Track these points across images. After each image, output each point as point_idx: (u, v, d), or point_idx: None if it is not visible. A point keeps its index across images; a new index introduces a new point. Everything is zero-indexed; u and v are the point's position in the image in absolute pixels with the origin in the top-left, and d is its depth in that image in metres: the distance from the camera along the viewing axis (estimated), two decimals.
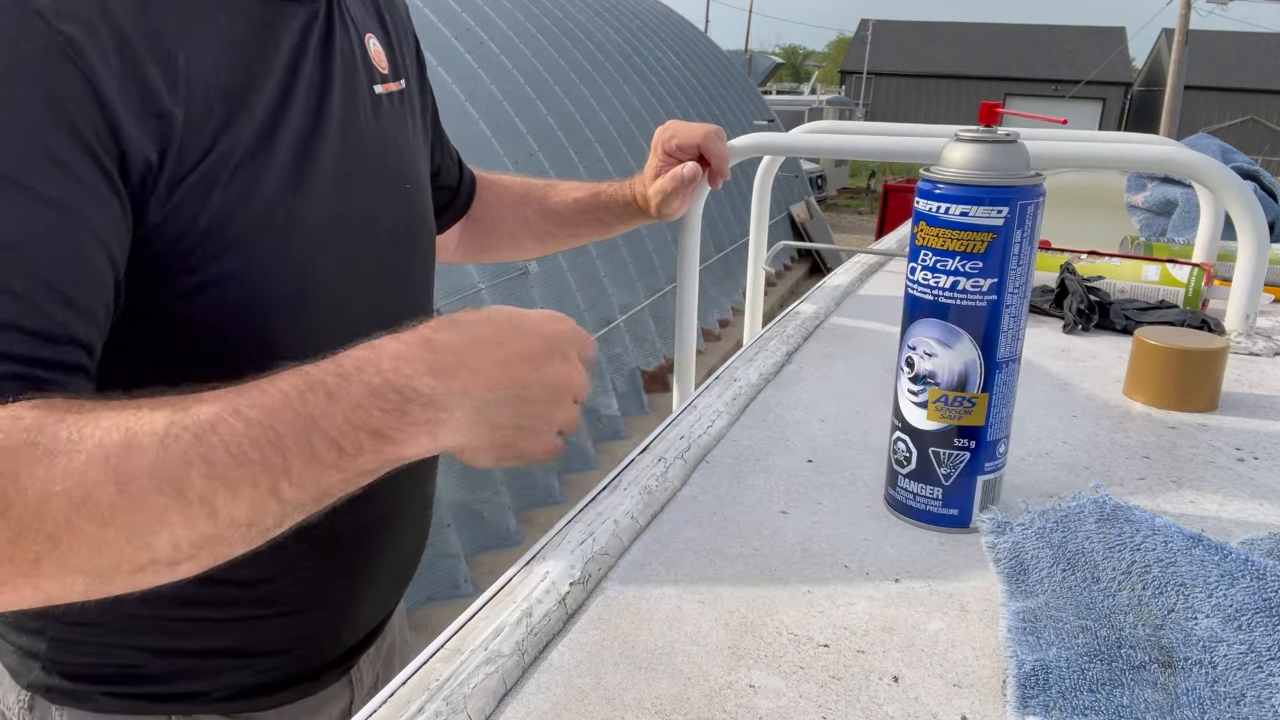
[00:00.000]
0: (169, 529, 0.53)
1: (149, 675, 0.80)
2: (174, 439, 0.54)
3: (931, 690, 0.54)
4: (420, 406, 0.57)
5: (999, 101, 0.75)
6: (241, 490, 0.54)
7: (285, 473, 0.55)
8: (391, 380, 0.57)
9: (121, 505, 0.52)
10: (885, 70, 37.15)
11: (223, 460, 0.54)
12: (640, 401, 6.06)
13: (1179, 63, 19.81)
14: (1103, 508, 0.67)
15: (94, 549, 0.53)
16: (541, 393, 0.63)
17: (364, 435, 0.56)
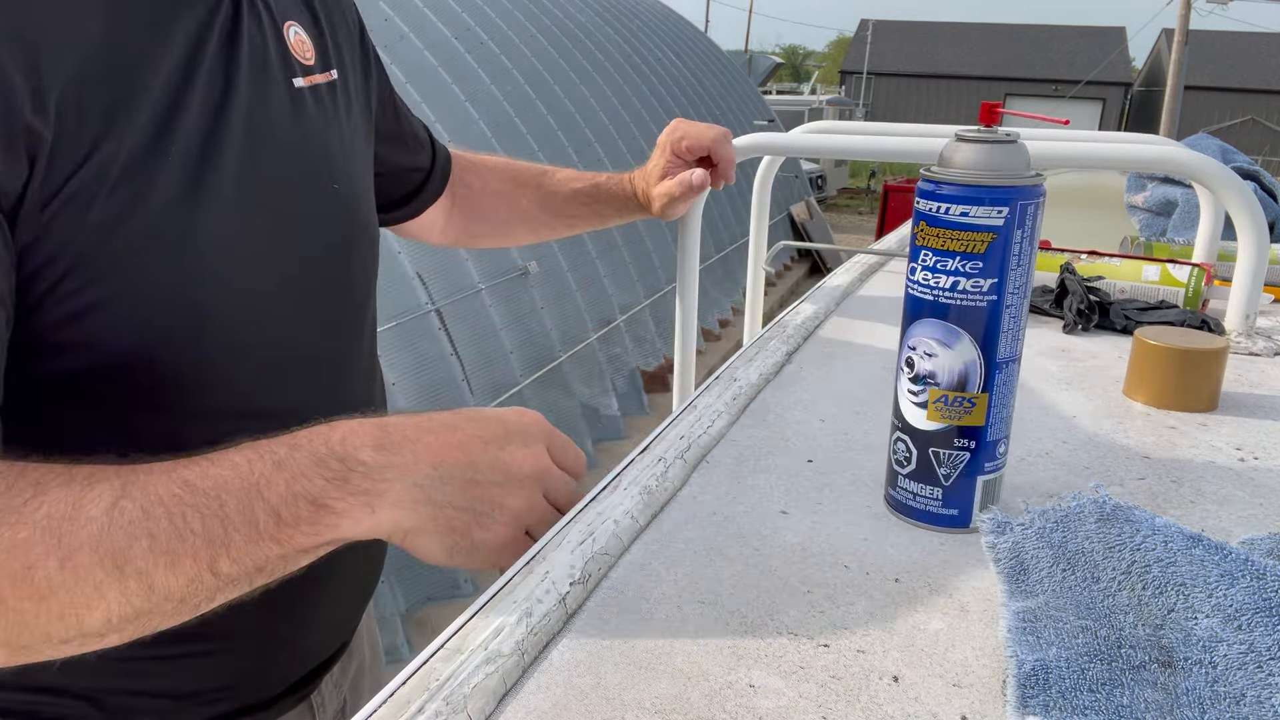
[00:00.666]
0: (105, 604, 0.52)
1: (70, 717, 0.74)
2: (121, 511, 0.52)
3: (931, 690, 0.54)
4: (360, 476, 0.56)
5: (999, 101, 0.75)
6: (181, 565, 0.53)
7: (226, 546, 0.54)
8: (336, 450, 0.57)
9: (60, 581, 0.51)
10: (885, 70, 37.14)
11: (166, 534, 0.53)
12: (640, 401, 6.06)
13: (1179, 63, 19.81)
14: (1103, 508, 0.67)
15: (22, 624, 0.51)
16: (491, 474, 0.60)
17: (303, 503, 0.55)
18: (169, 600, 0.54)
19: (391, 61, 5.53)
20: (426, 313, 4.51)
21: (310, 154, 0.78)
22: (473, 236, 1.24)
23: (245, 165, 0.70)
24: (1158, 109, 25.91)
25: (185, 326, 0.67)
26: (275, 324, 0.74)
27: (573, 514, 0.72)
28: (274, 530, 0.55)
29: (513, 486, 0.61)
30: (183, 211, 0.65)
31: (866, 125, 1.85)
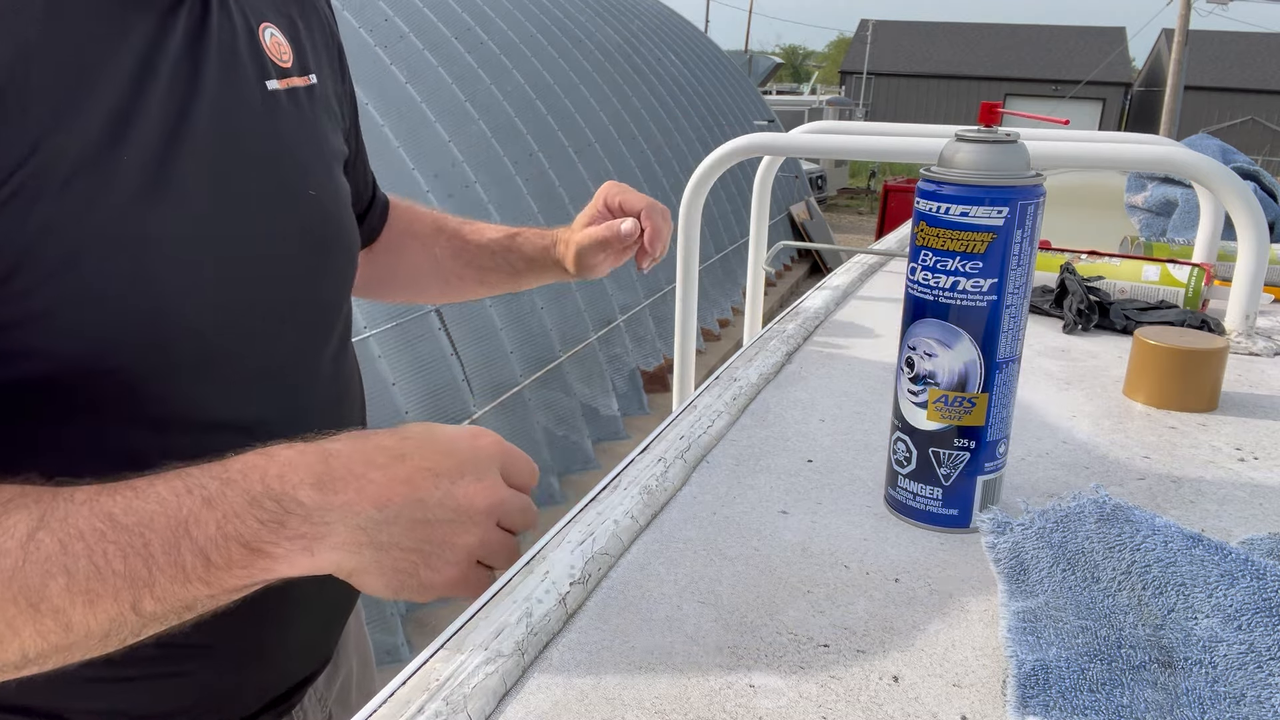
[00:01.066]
0: (19, 640, 0.50)
1: None
2: (37, 545, 0.50)
3: (931, 690, 0.54)
4: (299, 519, 0.53)
5: (999, 101, 0.75)
6: (100, 604, 0.51)
7: (149, 586, 0.51)
8: (272, 488, 0.53)
9: None
10: (885, 70, 37.15)
11: (85, 572, 0.50)
12: (640, 401, 6.07)
13: (1179, 63, 19.81)
14: (1103, 508, 0.67)
15: None
16: (441, 513, 0.56)
17: (235, 547, 0.52)
18: (90, 637, 0.52)
19: (391, 62, 5.53)
20: (426, 313, 4.51)
21: (284, 159, 0.75)
22: (381, 284, 1.13)
23: (211, 168, 0.67)
24: (1158, 109, 25.91)
25: (142, 334, 0.63)
26: (240, 333, 0.71)
27: (573, 514, 0.72)
28: (202, 573, 0.52)
29: (464, 524, 0.58)
30: (140, 213, 0.62)
31: (866, 125, 1.85)
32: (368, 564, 0.55)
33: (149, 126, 0.63)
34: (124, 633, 0.53)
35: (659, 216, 1.03)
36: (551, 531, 0.69)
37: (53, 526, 0.51)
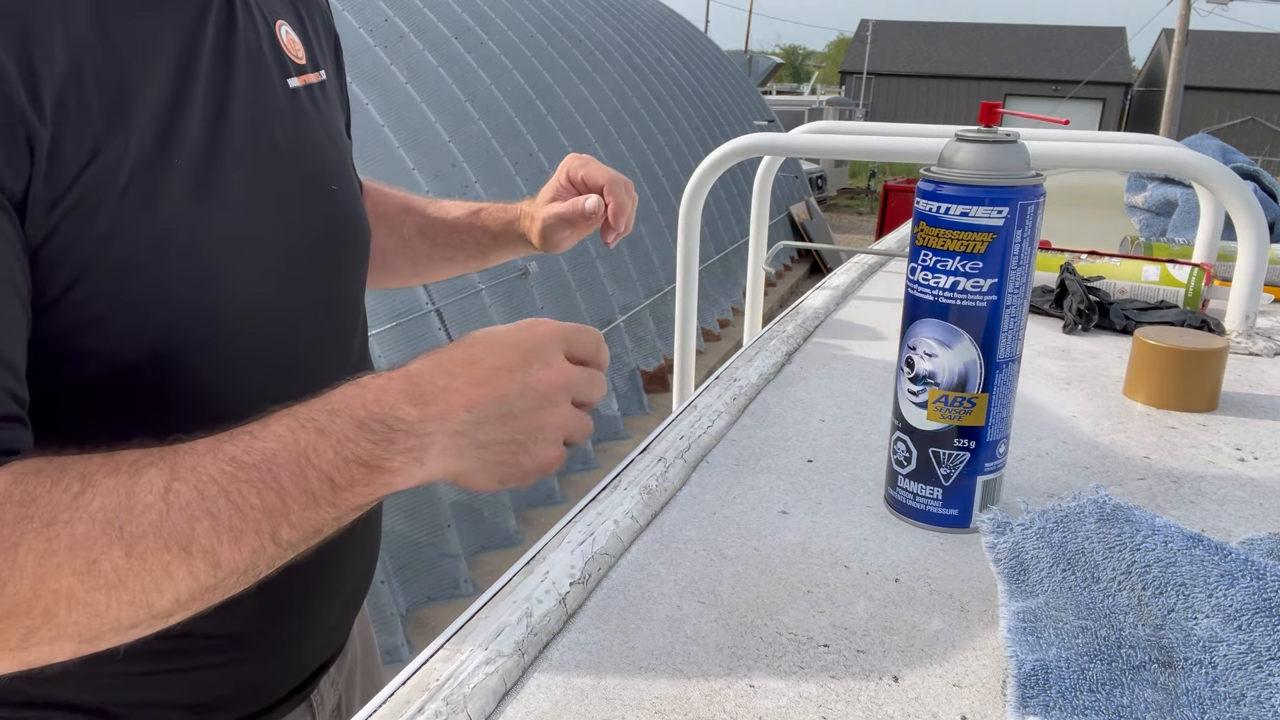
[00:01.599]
0: (174, 585, 0.53)
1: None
2: (175, 495, 0.53)
3: (931, 690, 0.54)
4: (405, 434, 0.57)
5: (999, 101, 0.75)
6: (244, 539, 0.54)
7: (284, 515, 0.55)
8: (375, 412, 0.57)
9: (128, 569, 0.52)
10: (885, 70, 37.15)
11: (225, 511, 0.53)
12: (640, 401, 6.06)
13: (1179, 63, 19.81)
14: (1103, 508, 0.67)
15: (94, 615, 0.52)
16: (523, 403, 0.60)
17: (355, 467, 0.56)
18: (234, 573, 0.55)
19: (391, 62, 5.53)
20: (427, 313, 4.51)
21: (308, 155, 0.77)
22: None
23: (248, 167, 0.70)
24: (1158, 109, 25.92)
25: (196, 333, 0.66)
26: (281, 327, 0.74)
27: (573, 514, 0.72)
28: (330, 495, 0.56)
29: (545, 407, 0.61)
30: (192, 215, 0.64)
31: (866, 125, 1.85)
32: (472, 463, 0.59)
33: (193, 127, 0.65)
34: (263, 564, 0.56)
35: (622, 190, 1.03)
36: (551, 531, 0.69)
37: (185, 477, 0.53)
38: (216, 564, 0.54)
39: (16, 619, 0.50)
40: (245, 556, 0.54)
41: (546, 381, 0.61)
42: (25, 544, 0.50)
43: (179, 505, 0.53)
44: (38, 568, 0.50)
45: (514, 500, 4.32)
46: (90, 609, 0.51)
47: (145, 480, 0.53)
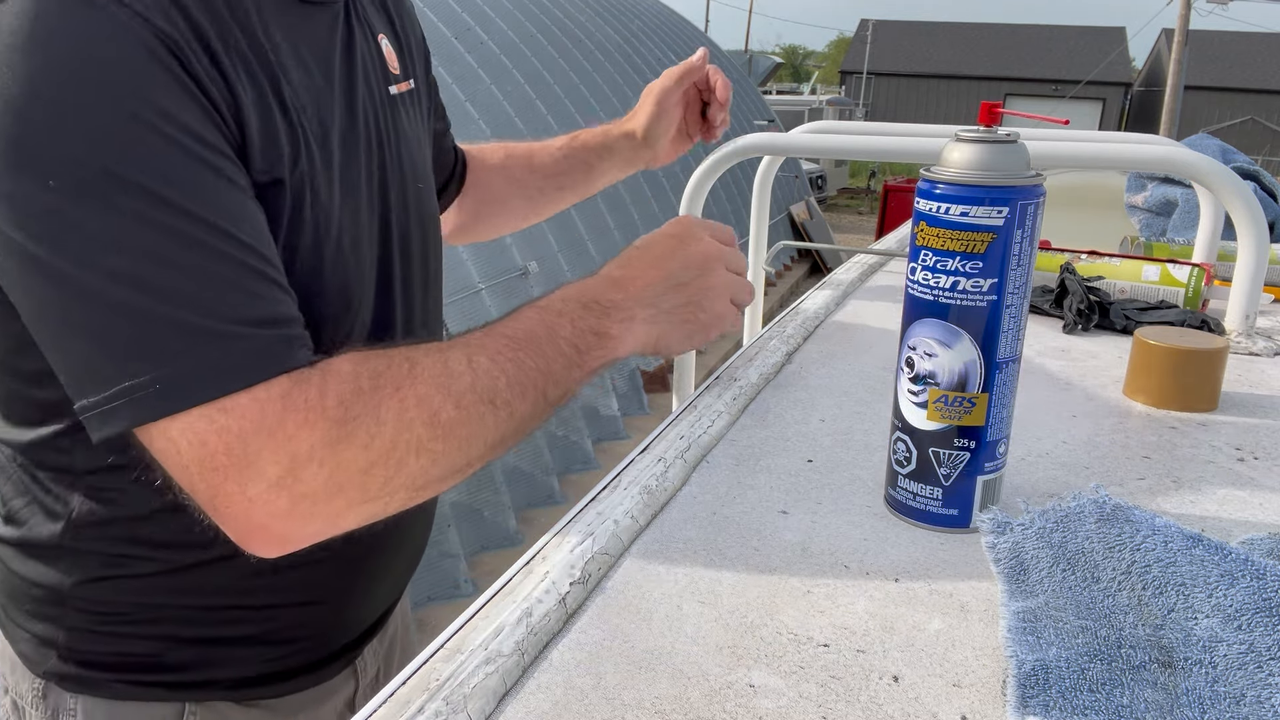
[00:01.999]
0: (485, 433, 0.68)
1: (167, 664, 0.82)
2: (477, 363, 0.68)
3: (931, 690, 0.54)
4: (615, 309, 0.75)
5: (999, 101, 0.75)
6: (527, 394, 0.70)
7: (550, 375, 0.71)
8: (592, 297, 0.75)
9: (457, 418, 0.66)
10: (885, 70, 37.15)
11: (513, 372, 0.69)
12: (640, 401, 6.06)
13: (1179, 63, 19.81)
14: (1103, 508, 0.67)
15: (432, 462, 0.66)
16: (687, 273, 0.79)
17: (589, 335, 0.73)
18: (520, 424, 0.70)
19: None
20: None
21: (404, 156, 0.88)
22: (477, 219, 1.25)
23: (366, 166, 0.81)
24: (1158, 109, 25.92)
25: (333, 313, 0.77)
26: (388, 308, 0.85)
27: (573, 514, 0.72)
28: (576, 359, 0.73)
29: (706, 272, 0.80)
30: (336, 206, 0.76)
31: (866, 125, 1.85)
32: (664, 327, 0.78)
33: (336, 128, 0.77)
34: (538, 419, 0.72)
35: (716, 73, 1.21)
36: (551, 531, 0.69)
37: (478, 352, 0.69)
38: (512, 414, 0.69)
39: (379, 469, 0.63)
40: (528, 409, 0.70)
41: (701, 254, 0.80)
42: (385, 405, 0.63)
43: (482, 370, 0.68)
44: (396, 422, 0.63)
45: (514, 500, 4.32)
46: (431, 455, 0.65)
47: (453, 356, 0.68)
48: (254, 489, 0.60)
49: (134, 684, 0.81)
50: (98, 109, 0.59)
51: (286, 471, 0.61)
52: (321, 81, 0.76)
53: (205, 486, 0.61)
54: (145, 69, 0.60)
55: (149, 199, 0.60)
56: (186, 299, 0.61)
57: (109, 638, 0.80)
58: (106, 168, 0.59)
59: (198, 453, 0.61)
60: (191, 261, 0.61)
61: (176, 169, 0.61)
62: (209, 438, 0.60)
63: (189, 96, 0.62)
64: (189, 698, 0.83)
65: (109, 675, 0.81)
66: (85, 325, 0.61)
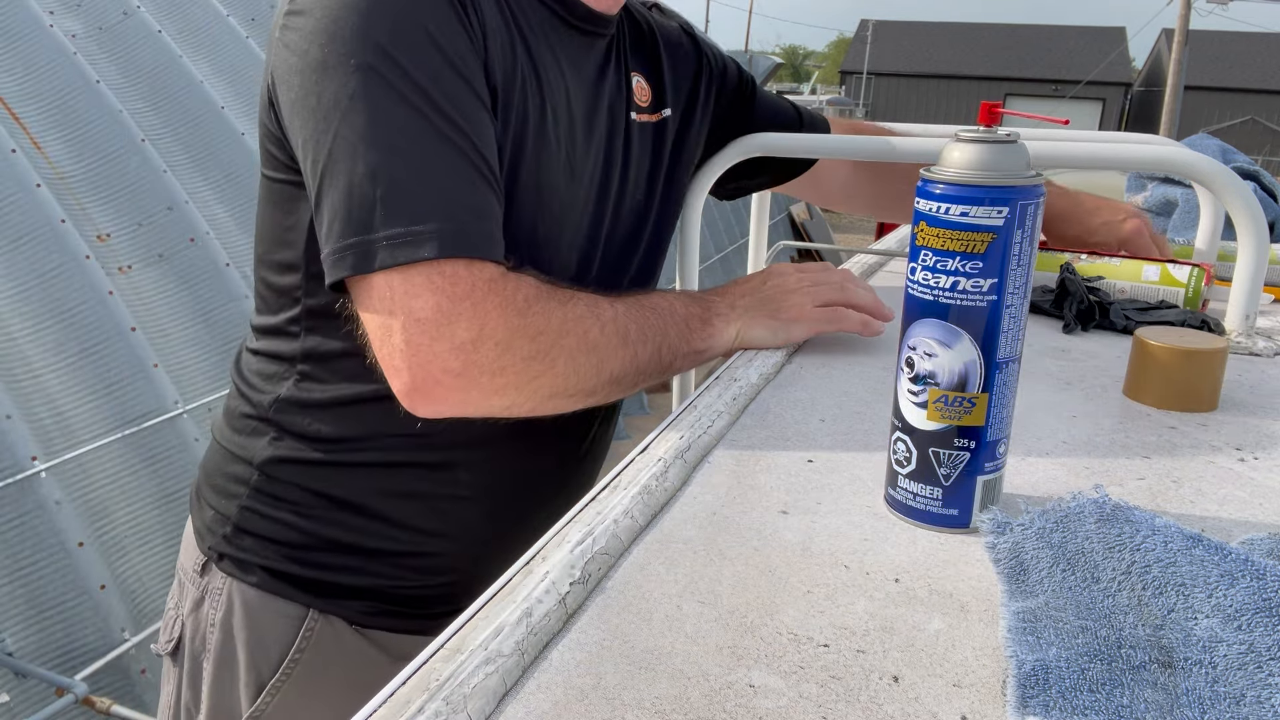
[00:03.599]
0: (615, 362, 0.83)
1: (309, 561, 0.94)
2: (618, 307, 0.85)
3: (931, 690, 0.54)
4: (716, 304, 0.95)
5: (999, 101, 0.76)
6: (647, 344, 0.86)
7: (666, 336, 0.88)
8: (697, 297, 0.96)
9: (598, 339, 0.82)
10: (885, 70, 37.14)
11: (638, 324, 0.86)
12: (640, 401, 6.06)
13: (1179, 63, 19.81)
14: (1103, 508, 0.67)
15: (574, 370, 0.81)
16: (773, 292, 0.98)
17: (696, 320, 0.92)
18: (638, 370, 0.86)
19: None
20: None
21: (629, 170, 1.05)
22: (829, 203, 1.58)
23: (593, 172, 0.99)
24: (1158, 109, 25.90)
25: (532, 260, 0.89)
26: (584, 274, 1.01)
27: (573, 514, 0.72)
28: (685, 332, 0.89)
29: (788, 294, 0.98)
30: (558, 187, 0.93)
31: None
32: (748, 324, 0.96)
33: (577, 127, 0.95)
34: (652, 368, 0.88)
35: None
36: (551, 531, 0.69)
37: (619, 301, 0.87)
38: (635, 355, 0.85)
39: (536, 361, 0.78)
40: (646, 355, 0.86)
41: (783, 284, 0.99)
42: (555, 312, 0.80)
43: (620, 313, 0.85)
44: (560, 327, 0.79)
45: None
46: (575, 364, 0.81)
47: (600, 299, 0.86)
48: (441, 345, 0.74)
49: (276, 575, 0.93)
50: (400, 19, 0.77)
51: (473, 340, 0.74)
52: (572, 91, 0.94)
53: (402, 335, 0.74)
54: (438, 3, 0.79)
55: (422, 95, 0.76)
56: (433, 177, 0.76)
57: (272, 522, 0.93)
58: (398, 62, 0.76)
59: (409, 303, 0.74)
60: (441, 151, 0.77)
61: (445, 78, 0.78)
62: (423, 291, 0.74)
63: (466, 33, 0.80)
64: (316, 604, 0.93)
65: (259, 560, 0.93)
66: (349, 182, 0.75)
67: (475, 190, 0.78)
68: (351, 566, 0.94)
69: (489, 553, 0.97)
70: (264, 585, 0.93)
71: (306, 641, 0.93)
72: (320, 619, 0.93)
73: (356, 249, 0.75)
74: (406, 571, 0.95)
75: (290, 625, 0.93)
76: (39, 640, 2.58)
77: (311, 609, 0.93)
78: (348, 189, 0.75)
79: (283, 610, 0.93)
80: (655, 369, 0.86)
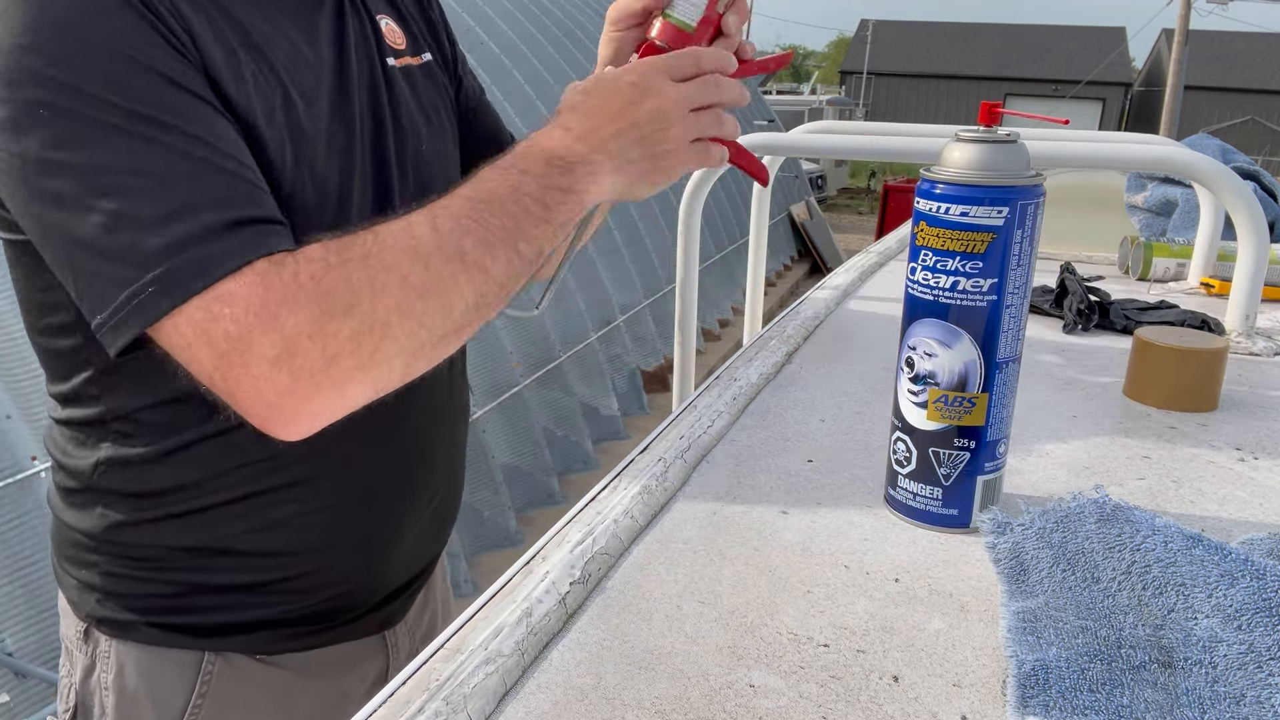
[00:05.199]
0: (461, 292, 0.70)
1: (188, 608, 0.87)
2: (439, 225, 0.70)
3: (931, 690, 0.54)
4: (580, 163, 0.75)
5: (999, 101, 0.75)
6: (498, 251, 0.71)
7: (518, 231, 0.72)
8: (551, 151, 0.75)
9: (428, 279, 0.69)
10: (885, 70, 37.14)
11: (478, 230, 0.71)
12: (640, 401, 6.06)
13: (1179, 63, 19.81)
14: (1103, 508, 0.67)
15: (418, 323, 0.69)
16: (650, 126, 0.77)
17: (554, 192, 0.74)
18: (497, 282, 0.72)
19: None
20: None
21: (401, 122, 0.91)
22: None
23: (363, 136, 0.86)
24: (1158, 109, 25.91)
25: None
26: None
27: (573, 514, 0.72)
28: (542, 214, 0.74)
29: (669, 124, 0.78)
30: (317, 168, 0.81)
31: (866, 125, 1.85)
32: (630, 175, 0.78)
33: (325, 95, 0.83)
34: (515, 275, 0.73)
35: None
36: (551, 531, 0.69)
37: (440, 215, 0.71)
38: (485, 270, 0.71)
39: (365, 336, 0.67)
40: (501, 266, 0.72)
41: (660, 107, 0.78)
42: (355, 275, 0.67)
43: (446, 231, 0.70)
44: (369, 288, 0.67)
45: (514, 500, 4.32)
46: (413, 316, 0.69)
47: (416, 220, 0.71)
48: (257, 369, 0.66)
49: (160, 628, 0.87)
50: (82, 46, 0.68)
51: (282, 349, 0.66)
52: (309, 53, 0.83)
53: (220, 375, 0.67)
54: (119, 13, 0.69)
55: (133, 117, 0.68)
56: (173, 199, 0.68)
57: (137, 581, 0.86)
58: (92, 93, 0.67)
59: (205, 343, 0.67)
60: (174, 167, 0.68)
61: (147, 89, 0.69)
62: (209, 326, 0.66)
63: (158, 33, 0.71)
64: (209, 646, 0.87)
65: (138, 619, 0.87)
66: (84, 241, 0.67)
67: (222, 191, 0.70)
68: (235, 604, 0.88)
69: (380, 545, 0.93)
70: (150, 640, 0.87)
71: (206, 686, 0.88)
72: (218, 659, 0.88)
73: (126, 309, 0.67)
74: (294, 596, 0.89)
75: (186, 673, 0.87)
76: (39, 640, 2.58)
77: (206, 651, 0.88)
78: (88, 246, 0.67)
79: (175, 659, 0.88)
80: (520, 269, 0.74)
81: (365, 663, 0.94)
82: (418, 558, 0.98)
